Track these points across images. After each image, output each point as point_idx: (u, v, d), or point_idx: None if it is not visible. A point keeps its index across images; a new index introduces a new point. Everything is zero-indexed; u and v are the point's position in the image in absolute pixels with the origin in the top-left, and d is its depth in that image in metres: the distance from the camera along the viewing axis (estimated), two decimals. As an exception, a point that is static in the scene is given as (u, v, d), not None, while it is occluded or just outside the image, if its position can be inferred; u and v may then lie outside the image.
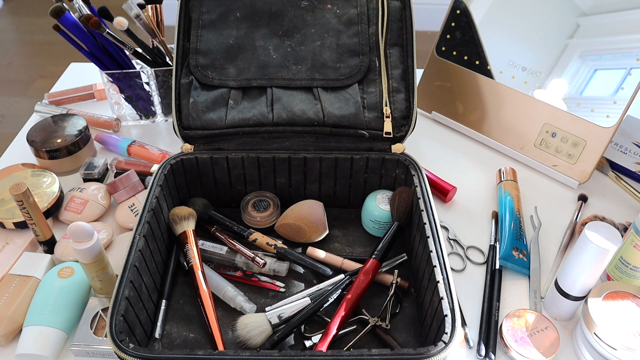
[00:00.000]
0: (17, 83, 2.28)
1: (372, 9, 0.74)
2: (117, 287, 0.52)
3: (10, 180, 0.75)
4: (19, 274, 0.64)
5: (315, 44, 0.73)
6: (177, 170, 0.69)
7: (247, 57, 0.72)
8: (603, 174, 0.85)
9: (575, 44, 0.79)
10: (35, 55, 2.48)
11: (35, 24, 2.69)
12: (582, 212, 0.77)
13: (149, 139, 0.89)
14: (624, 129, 0.80)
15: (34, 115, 0.96)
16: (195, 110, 0.70)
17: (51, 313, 0.59)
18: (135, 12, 0.81)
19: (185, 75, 0.72)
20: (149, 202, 0.61)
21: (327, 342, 0.55)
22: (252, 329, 0.56)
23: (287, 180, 0.72)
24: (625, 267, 0.62)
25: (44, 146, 0.79)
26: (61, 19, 0.78)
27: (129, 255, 0.55)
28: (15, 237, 0.70)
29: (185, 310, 0.61)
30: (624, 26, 0.75)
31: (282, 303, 0.59)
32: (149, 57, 0.87)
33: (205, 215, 0.70)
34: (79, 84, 1.01)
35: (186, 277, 0.65)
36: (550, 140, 0.82)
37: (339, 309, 0.57)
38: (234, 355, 0.48)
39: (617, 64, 0.75)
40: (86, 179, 0.79)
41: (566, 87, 0.79)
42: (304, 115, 0.69)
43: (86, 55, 0.84)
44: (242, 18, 0.74)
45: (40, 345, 0.56)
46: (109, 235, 0.70)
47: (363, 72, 0.72)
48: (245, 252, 0.65)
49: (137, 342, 0.53)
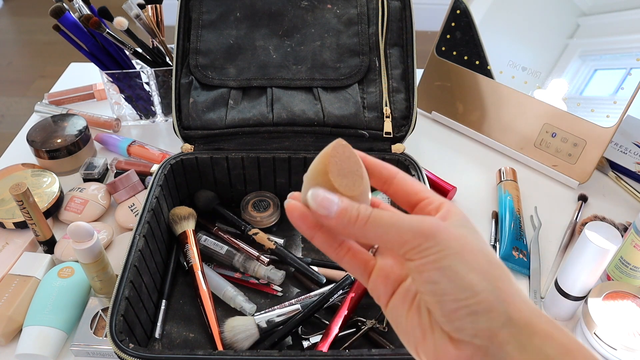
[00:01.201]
0: (17, 83, 2.28)
1: (372, 9, 0.74)
2: (117, 287, 0.52)
3: (10, 180, 0.75)
4: (19, 274, 0.64)
5: (315, 44, 0.73)
6: (177, 170, 0.69)
7: (247, 57, 0.72)
8: (603, 174, 0.85)
9: (575, 44, 0.79)
10: (35, 55, 2.48)
11: (36, 24, 2.69)
12: (582, 212, 0.77)
13: (149, 139, 0.89)
14: (624, 129, 0.80)
15: (34, 115, 0.96)
16: (195, 110, 0.70)
17: (51, 313, 0.59)
18: (135, 12, 0.81)
19: (185, 75, 0.72)
20: (149, 202, 0.61)
21: (328, 342, 0.55)
22: (239, 332, 0.56)
23: (287, 180, 0.72)
24: (625, 267, 0.62)
25: (44, 146, 0.79)
26: (61, 19, 0.78)
27: (129, 255, 0.55)
28: (15, 237, 0.70)
29: (185, 310, 0.61)
30: (624, 26, 0.75)
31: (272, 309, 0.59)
32: (149, 57, 0.87)
33: (211, 206, 0.70)
34: (79, 84, 1.01)
35: (186, 277, 0.65)
36: (550, 140, 0.82)
37: (341, 309, 0.57)
38: (234, 356, 0.48)
39: (617, 64, 0.75)
40: (86, 179, 0.79)
41: (566, 87, 0.79)
42: (304, 115, 0.69)
43: (86, 55, 0.84)
44: (242, 18, 0.73)
45: (40, 345, 0.56)
46: (109, 235, 0.70)
47: (363, 72, 0.72)
48: (249, 250, 0.65)
49: (137, 342, 0.53)
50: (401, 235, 0.27)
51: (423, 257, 0.26)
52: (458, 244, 0.27)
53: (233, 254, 0.66)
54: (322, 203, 0.28)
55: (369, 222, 0.28)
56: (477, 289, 0.26)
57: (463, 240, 0.27)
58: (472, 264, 0.26)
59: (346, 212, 0.28)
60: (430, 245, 0.26)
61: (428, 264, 0.26)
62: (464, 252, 0.27)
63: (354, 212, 0.28)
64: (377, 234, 0.28)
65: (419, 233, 0.27)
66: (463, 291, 0.26)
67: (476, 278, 0.26)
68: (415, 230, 0.27)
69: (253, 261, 0.65)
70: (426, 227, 0.27)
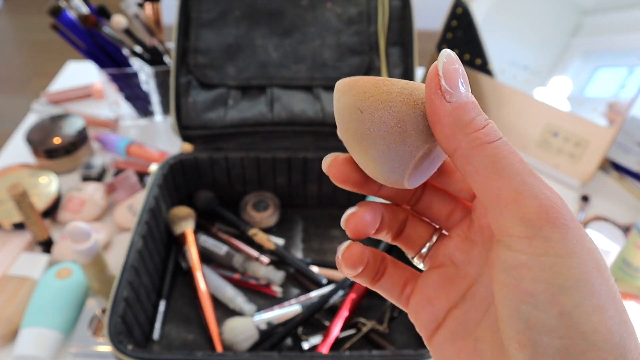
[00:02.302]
0: (15, 82, 2.28)
1: (372, 7, 0.73)
2: (115, 288, 0.52)
3: (7, 180, 0.74)
4: (16, 275, 0.63)
5: (315, 43, 0.72)
6: (176, 170, 0.68)
7: (246, 56, 0.72)
8: (605, 173, 0.84)
9: (577, 42, 0.78)
10: (33, 54, 2.48)
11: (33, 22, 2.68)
12: (584, 212, 0.77)
13: (147, 138, 0.89)
14: (627, 129, 0.80)
15: (32, 114, 0.95)
16: (194, 109, 0.69)
17: (49, 314, 0.58)
18: (133, 11, 0.81)
19: (184, 75, 0.71)
20: (148, 202, 0.61)
21: (328, 344, 0.54)
22: (238, 334, 0.55)
23: (287, 180, 0.71)
24: (628, 269, 0.62)
25: (42, 146, 0.79)
26: (59, 17, 0.77)
27: (128, 255, 0.55)
28: (13, 238, 0.69)
29: (184, 311, 0.61)
30: (626, 24, 0.74)
31: (271, 310, 0.59)
32: (147, 56, 0.86)
33: (210, 207, 0.69)
34: (76, 82, 1.00)
35: (185, 278, 0.64)
36: (552, 140, 0.81)
37: (341, 310, 0.57)
38: (233, 357, 0.47)
39: (620, 62, 0.75)
40: (84, 179, 0.79)
41: (568, 87, 0.79)
42: (304, 115, 0.68)
43: (84, 54, 0.83)
44: (242, 17, 0.73)
45: (38, 346, 0.56)
46: (108, 236, 0.69)
47: (363, 71, 0.71)
48: (249, 251, 0.65)
49: (136, 343, 0.53)
50: (520, 197, 0.18)
51: (539, 253, 0.17)
52: (592, 258, 0.17)
53: (232, 255, 0.65)
54: (453, 75, 0.19)
55: (493, 144, 0.18)
56: (600, 343, 0.16)
57: (595, 256, 0.18)
58: (601, 298, 0.17)
59: (473, 108, 0.19)
60: (556, 239, 0.17)
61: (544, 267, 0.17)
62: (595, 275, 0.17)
63: (481, 119, 0.19)
64: (487, 171, 0.18)
65: (546, 211, 0.17)
66: (581, 338, 0.16)
67: (604, 322, 0.17)
68: (542, 204, 0.17)
69: (252, 262, 0.64)
70: (556, 210, 0.18)
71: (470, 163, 0.19)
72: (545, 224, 0.17)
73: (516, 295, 0.17)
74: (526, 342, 0.17)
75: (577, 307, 0.16)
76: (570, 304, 0.16)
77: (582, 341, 0.16)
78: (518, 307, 0.17)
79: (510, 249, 0.18)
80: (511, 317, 0.17)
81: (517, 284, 0.17)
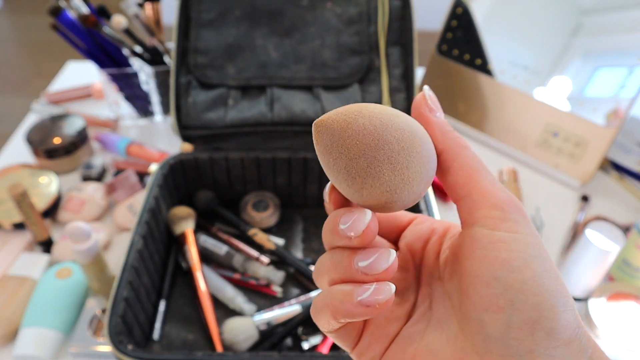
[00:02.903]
0: (15, 82, 2.28)
1: (372, 7, 0.73)
2: (115, 288, 0.52)
3: (7, 180, 0.74)
4: (16, 275, 0.63)
5: (315, 43, 0.72)
6: (176, 170, 0.68)
7: (246, 56, 0.72)
8: (605, 173, 0.84)
9: (577, 42, 0.78)
10: (33, 54, 2.48)
11: (33, 22, 2.68)
12: (584, 212, 0.77)
13: (147, 138, 0.89)
14: (627, 129, 0.80)
15: (32, 114, 0.95)
16: (194, 109, 0.69)
17: (49, 314, 0.58)
18: (133, 11, 0.81)
19: (184, 75, 0.71)
20: (148, 202, 0.61)
21: (328, 344, 0.54)
22: (238, 333, 0.55)
23: (287, 180, 0.71)
24: (627, 268, 0.62)
25: (42, 146, 0.79)
26: (59, 17, 0.77)
27: (128, 255, 0.55)
28: (13, 238, 0.69)
29: (184, 311, 0.61)
30: (626, 24, 0.74)
31: (271, 310, 0.59)
32: (147, 56, 0.86)
33: (210, 207, 0.69)
34: (76, 82, 1.00)
35: (185, 278, 0.64)
36: (552, 140, 0.81)
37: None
38: (233, 357, 0.47)
39: (620, 62, 0.75)
40: (85, 179, 0.79)
41: (568, 87, 0.79)
42: (304, 115, 0.68)
43: (84, 54, 0.83)
44: (242, 17, 0.73)
45: (38, 346, 0.56)
46: (108, 236, 0.69)
47: (363, 71, 0.71)
48: (249, 251, 0.65)
49: (136, 343, 0.53)
50: (495, 190, 0.22)
51: (511, 230, 0.21)
52: (541, 241, 0.22)
53: (232, 255, 0.65)
54: (434, 100, 0.24)
55: (470, 148, 0.24)
56: (562, 300, 0.20)
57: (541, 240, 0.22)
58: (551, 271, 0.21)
59: (448, 124, 0.24)
60: (522, 222, 0.21)
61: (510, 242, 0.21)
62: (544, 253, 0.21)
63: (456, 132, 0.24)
64: (469, 168, 0.23)
65: (514, 202, 0.22)
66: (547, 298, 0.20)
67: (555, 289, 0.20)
68: (510, 197, 0.22)
69: (253, 262, 0.64)
70: (519, 203, 0.22)
71: (455, 160, 0.23)
72: (514, 210, 0.22)
73: (494, 265, 0.21)
74: (504, 303, 0.20)
75: (545, 272, 0.20)
76: (540, 269, 0.20)
77: (552, 299, 0.20)
78: (496, 273, 0.20)
79: (487, 228, 0.22)
80: (490, 285, 0.20)
81: (494, 255, 0.21)
